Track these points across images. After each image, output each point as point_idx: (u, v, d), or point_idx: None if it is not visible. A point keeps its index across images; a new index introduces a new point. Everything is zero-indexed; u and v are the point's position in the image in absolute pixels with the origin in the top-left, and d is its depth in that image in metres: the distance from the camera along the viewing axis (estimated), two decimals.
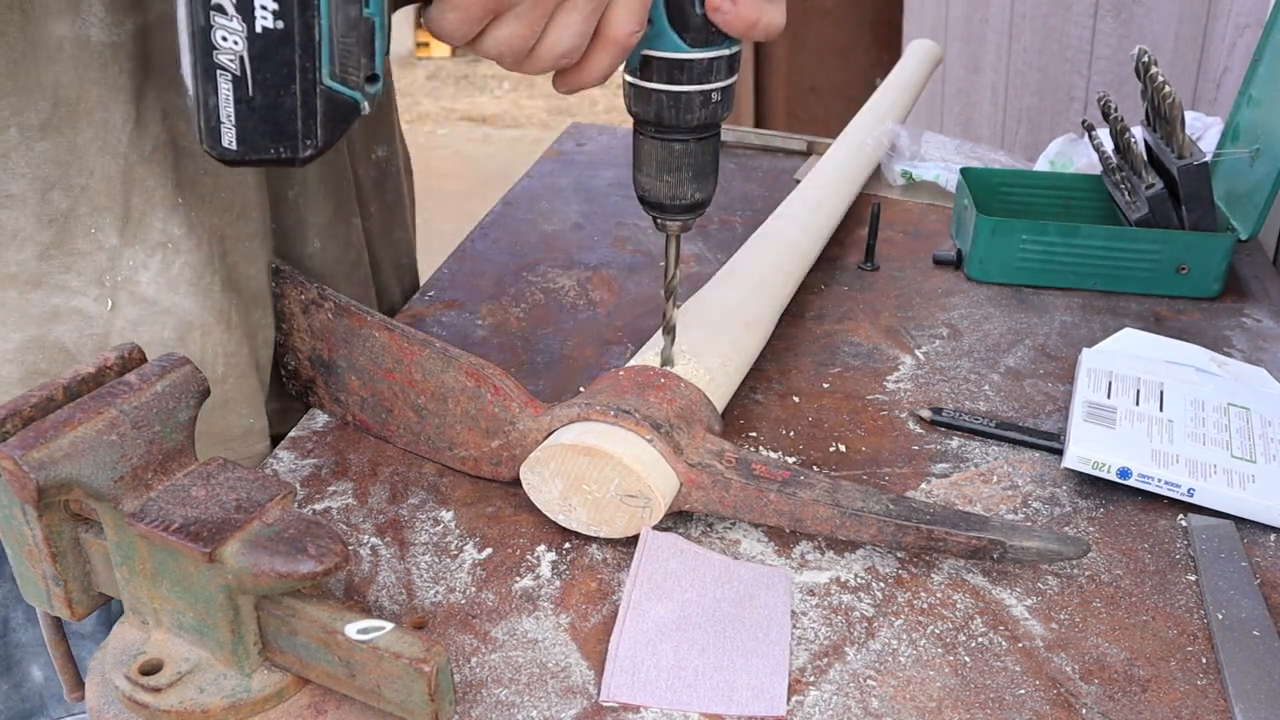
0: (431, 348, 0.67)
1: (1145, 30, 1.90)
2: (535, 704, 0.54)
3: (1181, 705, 0.55)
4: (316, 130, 0.49)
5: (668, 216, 0.64)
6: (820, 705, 0.54)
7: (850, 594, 0.62)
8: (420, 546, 0.64)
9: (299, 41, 0.47)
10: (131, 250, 0.65)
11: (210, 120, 0.47)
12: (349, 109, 0.49)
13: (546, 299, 0.94)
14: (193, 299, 0.67)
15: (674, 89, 0.58)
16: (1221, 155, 1.05)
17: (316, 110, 0.49)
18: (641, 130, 0.61)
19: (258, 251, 0.70)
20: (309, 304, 0.70)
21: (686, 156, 0.61)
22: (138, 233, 0.65)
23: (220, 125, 0.47)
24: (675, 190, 0.62)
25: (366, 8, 0.48)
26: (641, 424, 0.62)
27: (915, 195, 1.19)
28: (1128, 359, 0.81)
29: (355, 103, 0.49)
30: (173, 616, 0.52)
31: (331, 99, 0.49)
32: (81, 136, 0.62)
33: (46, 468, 0.47)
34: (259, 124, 0.48)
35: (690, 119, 0.59)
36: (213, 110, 0.47)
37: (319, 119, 0.49)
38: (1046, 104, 2.09)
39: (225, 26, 0.45)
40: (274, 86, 0.47)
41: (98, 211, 0.64)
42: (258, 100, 0.47)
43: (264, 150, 0.48)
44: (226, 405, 0.70)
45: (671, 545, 0.63)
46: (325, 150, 0.50)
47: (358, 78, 0.49)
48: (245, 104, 0.47)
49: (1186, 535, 0.67)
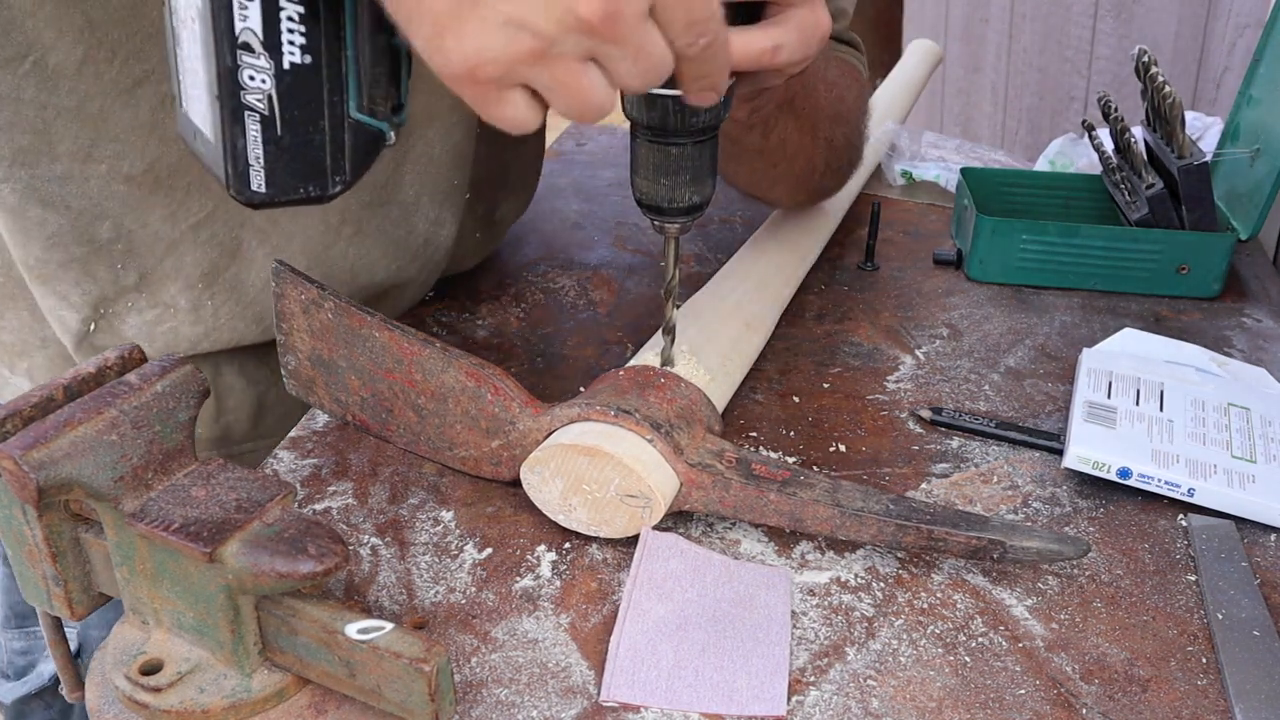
0: (431, 348, 0.67)
1: (1145, 30, 1.90)
2: (535, 704, 0.54)
3: (1181, 705, 0.55)
4: (345, 165, 0.48)
5: (666, 219, 0.64)
6: (820, 705, 0.54)
7: (850, 594, 0.62)
8: (420, 546, 0.64)
9: (327, 75, 0.45)
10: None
11: (238, 165, 0.45)
12: (376, 140, 0.48)
13: (546, 299, 0.94)
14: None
15: (679, 93, 0.58)
16: (1221, 155, 1.05)
17: (345, 145, 0.47)
18: (639, 134, 0.61)
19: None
20: (309, 304, 0.70)
21: (685, 160, 0.61)
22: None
23: (249, 169, 0.46)
24: (673, 193, 0.62)
25: (394, 37, 0.46)
26: (642, 424, 0.62)
27: (915, 195, 1.19)
28: (1128, 359, 0.81)
29: (382, 133, 0.48)
30: (173, 616, 0.52)
31: (359, 131, 0.47)
32: None
33: (46, 468, 0.47)
34: (289, 164, 0.46)
35: (695, 122, 0.59)
36: (241, 154, 0.45)
37: (347, 153, 0.47)
38: (1046, 104, 2.09)
39: (253, 65, 0.44)
40: (303, 124, 0.46)
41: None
42: (286, 140, 0.46)
43: (293, 190, 0.47)
44: None
45: (672, 545, 0.63)
46: (352, 185, 0.48)
47: (385, 108, 0.48)
48: (274, 144, 0.45)
49: (1186, 535, 0.67)
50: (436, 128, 0.79)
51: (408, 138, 0.78)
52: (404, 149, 0.79)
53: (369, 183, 0.78)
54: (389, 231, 0.81)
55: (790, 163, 0.82)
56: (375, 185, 0.78)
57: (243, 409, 0.83)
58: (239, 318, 0.78)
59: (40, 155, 0.69)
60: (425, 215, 0.83)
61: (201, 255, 0.75)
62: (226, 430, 0.83)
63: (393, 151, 0.77)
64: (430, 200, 0.82)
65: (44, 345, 0.80)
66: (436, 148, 0.80)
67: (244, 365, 0.82)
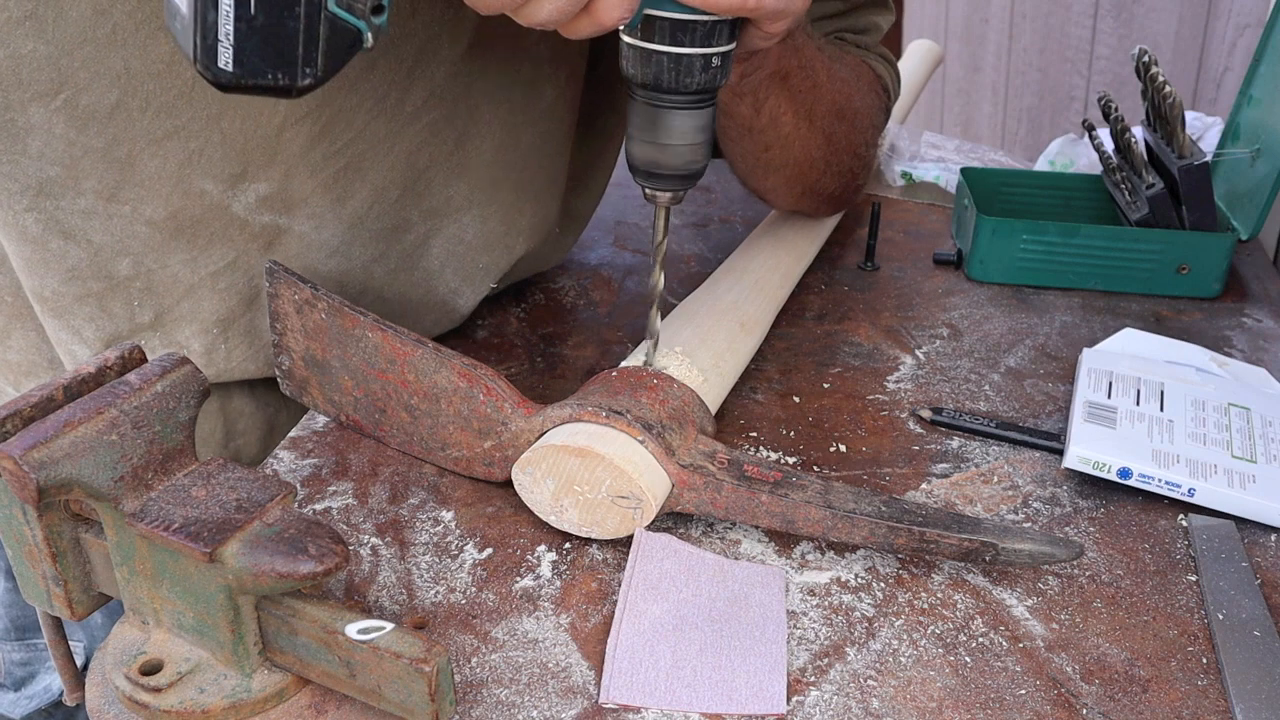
0: (424, 348, 0.67)
1: (1145, 30, 1.90)
2: (535, 704, 0.54)
3: (1182, 705, 0.55)
4: (317, 58, 0.47)
5: (658, 186, 0.63)
6: (820, 705, 0.54)
7: (850, 594, 0.62)
8: (420, 546, 0.64)
9: None
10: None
11: (207, 38, 0.45)
12: (352, 39, 0.48)
13: (546, 299, 0.94)
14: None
15: (675, 50, 0.57)
16: (1222, 155, 1.05)
17: (319, 36, 0.46)
18: (636, 94, 0.60)
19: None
20: (302, 304, 0.70)
21: (681, 122, 0.60)
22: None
23: (217, 44, 0.45)
24: (667, 157, 0.61)
25: None
26: (633, 425, 0.62)
27: (915, 195, 1.19)
28: (1128, 359, 0.81)
29: (359, 32, 0.48)
30: (173, 616, 0.52)
31: (335, 26, 0.47)
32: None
33: (46, 468, 0.46)
34: (259, 45, 0.45)
35: (690, 82, 0.58)
36: (210, 27, 0.45)
37: (320, 46, 0.47)
38: (1046, 104, 2.09)
39: None
40: (277, 6, 0.45)
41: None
42: (259, 19, 0.45)
43: (261, 74, 0.46)
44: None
45: (666, 546, 0.63)
46: (323, 82, 0.48)
47: (363, 6, 0.47)
48: (246, 22, 0.45)
49: (1187, 535, 0.67)
50: (473, 214, 0.80)
51: (441, 219, 0.79)
52: (436, 227, 0.79)
53: (396, 251, 0.78)
54: (407, 293, 0.81)
55: (785, 148, 0.81)
56: (402, 254, 0.79)
57: (253, 432, 0.83)
58: (252, 360, 0.78)
59: (66, 189, 0.68)
60: (447, 284, 0.82)
61: (219, 302, 0.75)
62: (236, 455, 0.83)
63: (425, 227, 0.78)
64: (454, 274, 0.82)
65: (51, 366, 0.80)
66: (469, 232, 0.81)
67: (254, 388, 0.82)
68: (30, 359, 0.80)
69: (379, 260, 0.78)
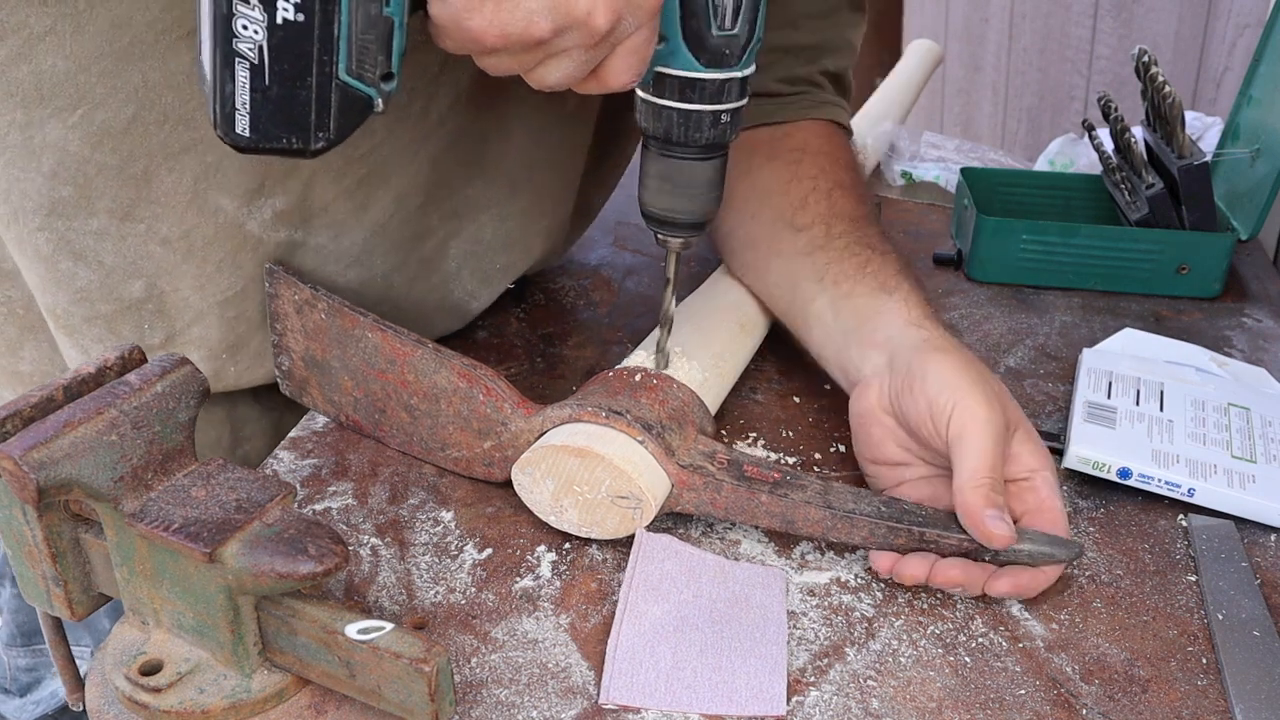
0: (424, 348, 0.67)
1: (1145, 30, 1.90)
2: (535, 704, 0.54)
3: (1181, 705, 0.55)
4: (330, 123, 0.50)
5: (669, 232, 0.64)
6: (820, 705, 0.54)
7: (850, 594, 0.62)
8: (420, 547, 0.64)
9: (318, 35, 0.47)
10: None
11: (226, 106, 0.48)
12: (363, 105, 0.50)
13: (546, 299, 0.94)
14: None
15: (685, 107, 0.58)
16: (1221, 155, 1.05)
17: (331, 104, 0.49)
18: (649, 145, 0.62)
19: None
20: (302, 304, 0.70)
21: (692, 174, 0.61)
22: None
23: (235, 112, 0.48)
24: (678, 207, 0.63)
25: (386, 6, 0.48)
26: (633, 425, 0.62)
27: (915, 195, 1.19)
28: (1128, 359, 0.81)
29: (369, 99, 0.50)
30: (173, 617, 0.52)
31: (346, 93, 0.49)
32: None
33: (46, 468, 0.46)
34: (273, 113, 0.48)
35: (699, 137, 0.59)
36: (229, 97, 0.48)
37: (333, 112, 0.49)
38: (1046, 104, 2.09)
39: (247, 15, 0.46)
40: (290, 77, 0.48)
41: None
42: (274, 90, 0.48)
43: (276, 139, 0.49)
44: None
45: (666, 546, 0.63)
46: (336, 144, 0.50)
47: (374, 74, 0.49)
48: (261, 92, 0.48)
49: (1187, 535, 0.67)
50: (491, 214, 0.80)
51: (460, 219, 0.79)
52: (455, 229, 0.79)
53: (416, 257, 0.78)
54: (424, 297, 0.81)
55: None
56: (421, 259, 0.79)
57: (259, 437, 0.83)
58: (259, 379, 0.78)
59: (79, 209, 0.68)
60: (463, 286, 0.83)
61: (228, 330, 0.74)
62: (244, 460, 0.83)
63: (444, 230, 0.78)
64: (471, 275, 0.82)
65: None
66: (487, 231, 0.81)
67: (259, 393, 0.81)
68: (43, 370, 0.80)
69: (399, 269, 0.78)
